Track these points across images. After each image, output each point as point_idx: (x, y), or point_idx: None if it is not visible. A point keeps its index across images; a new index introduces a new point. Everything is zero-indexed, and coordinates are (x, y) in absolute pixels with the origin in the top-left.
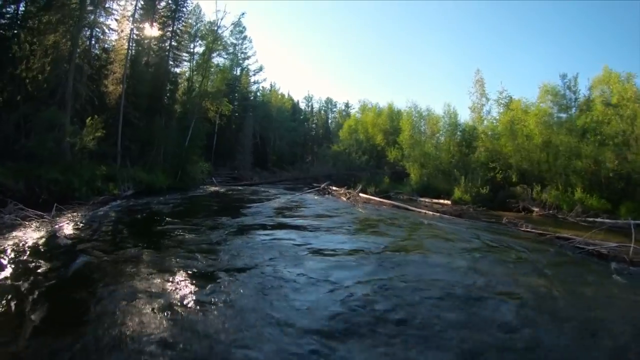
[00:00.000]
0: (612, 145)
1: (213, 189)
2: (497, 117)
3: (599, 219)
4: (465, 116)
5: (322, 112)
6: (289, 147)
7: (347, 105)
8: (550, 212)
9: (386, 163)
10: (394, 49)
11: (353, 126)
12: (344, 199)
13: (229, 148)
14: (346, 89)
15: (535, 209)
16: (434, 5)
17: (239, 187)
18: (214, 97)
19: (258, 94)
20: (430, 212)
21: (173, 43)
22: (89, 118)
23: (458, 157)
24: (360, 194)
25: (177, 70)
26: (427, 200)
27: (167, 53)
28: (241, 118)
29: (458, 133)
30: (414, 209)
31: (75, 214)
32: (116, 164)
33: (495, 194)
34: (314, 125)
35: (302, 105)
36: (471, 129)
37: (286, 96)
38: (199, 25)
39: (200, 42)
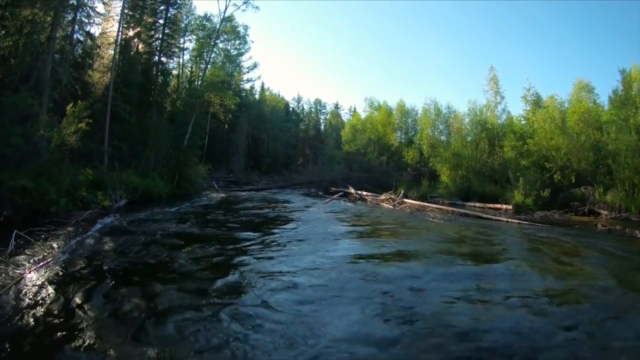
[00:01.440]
0: None
1: (218, 195)
2: (524, 115)
3: None
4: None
5: (313, 113)
6: (283, 148)
7: (336, 106)
8: (622, 214)
9: (407, 164)
10: (383, 48)
11: (359, 126)
12: (388, 205)
13: (222, 149)
14: (334, 90)
15: (604, 212)
16: (423, 5)
17: (243, 193)
18: (217, 88)
19: (257, 89)
20: (515, 220)
21: (166, 31)
22: (70, 105)
23: (487, 157)
24: (405, 200)
25: (170, 62)
26: (477, 204)
27: (159, 42)
28: (234, 117)
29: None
30: (488, 216)
31: (46, 246)
32: (103, 165)
33: (553, 196)
34: (303, 127)
35: (292, 106)
36: (498, 128)
37: (278, 96)
38: (189, 18)
39: (191, 36)
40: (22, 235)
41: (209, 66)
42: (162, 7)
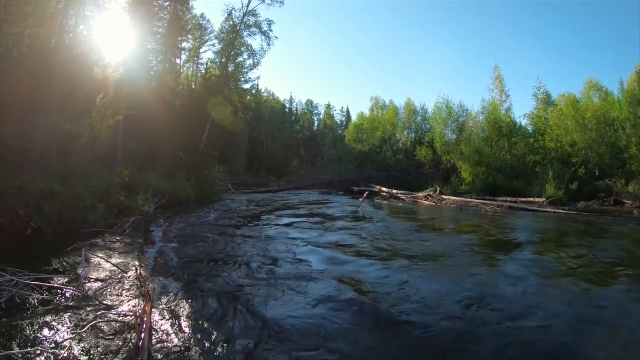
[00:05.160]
0: None
1: (240, 198)
2: (535, 112)
3: None
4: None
5: (307, 114)
6: (283, 150)
7: (329, 107)
8: None
9: (422, 163)
10: (374, 49)
11: (366, 125)
12: (429, 202)
13: (222, 151)
14: (323, 91)
15: (628, 202)
16: (420, 4)
17: (265, 195)
18: (235, 84)
19: (253, 92)
20: (561, 211)
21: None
22: (101, 96)
23: (507, 154)
24: (443, 197)
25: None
26: (508, 199)
27: (165, 38)
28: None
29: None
30: (535, 208)
31: (126, 266)
32: (117, 168)
33: (579, 189)
34: (299, 127)
35: (287, 107)
36: (510, 125)
37: (273, 97)
38: (187, 17)
39: (187, 36)
40: (90, 254)
41: (227, 60)
42: (167, 3)
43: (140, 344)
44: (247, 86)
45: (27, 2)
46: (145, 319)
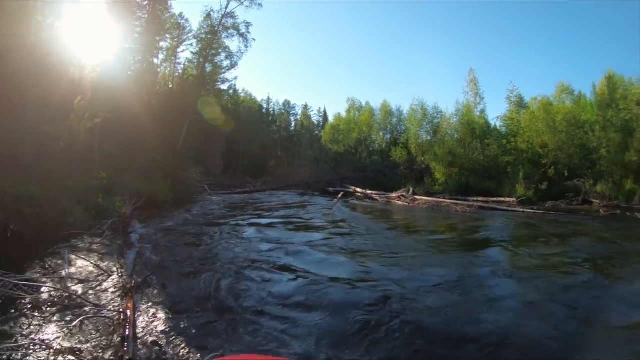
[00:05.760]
0: None
1: (216, 199)
2: (508, 114)
3: None
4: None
5: (284, 114)
6: (260, 150)
7: (306, 107)
8: (612, 202)
9: (397, 163)
10: (352, 49)
11: (342, 126)
12: (402, 202)
13: (198, 152)
14: (300, 91)
15: (596, 201)
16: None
17: (240, 196)
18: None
19: (230, 92)
20: (530, 210)
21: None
22: (78, 99)
23: (479, 155)
24: (415, 197)
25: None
26: (480, 199)
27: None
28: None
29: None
30: (504, 208)
31: (109, 269)
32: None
33: (548, 189)
34: (275, 128)
35: (264, 108)
36: (484, 127)
37: (251, 98)
38: (165, 17)
39: (167, 36)
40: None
41: (205, 61)
42: (146, 2)
43: (126, 336)
44: (224, 86)
45: (5, 2)
46: (129, 314)
